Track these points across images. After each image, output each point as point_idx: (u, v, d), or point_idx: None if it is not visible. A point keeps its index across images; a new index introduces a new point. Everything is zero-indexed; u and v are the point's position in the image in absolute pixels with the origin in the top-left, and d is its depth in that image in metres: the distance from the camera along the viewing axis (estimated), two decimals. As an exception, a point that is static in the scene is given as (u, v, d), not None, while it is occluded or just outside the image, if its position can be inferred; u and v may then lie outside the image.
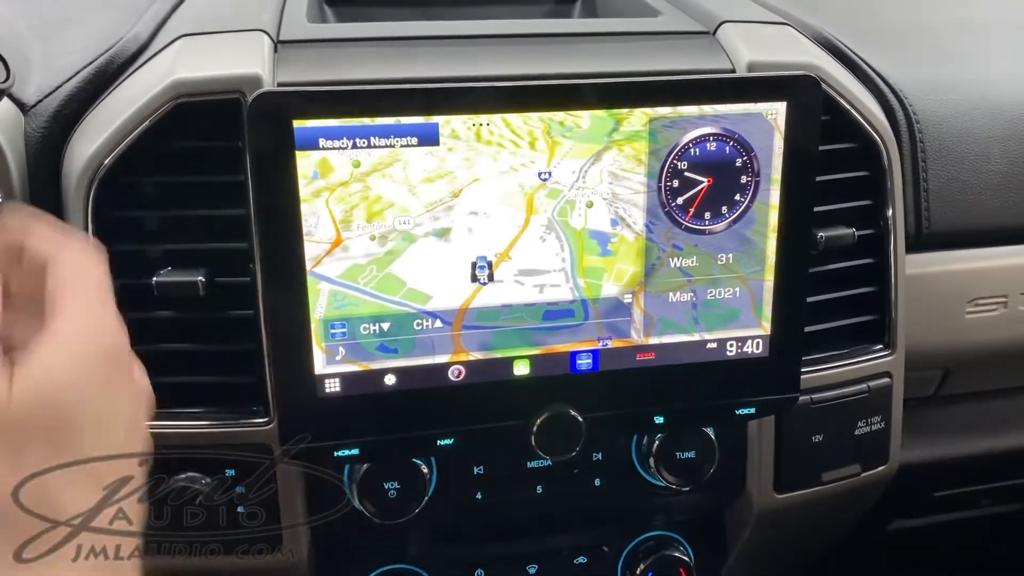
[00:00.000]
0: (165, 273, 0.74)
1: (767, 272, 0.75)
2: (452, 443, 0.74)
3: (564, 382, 0.75)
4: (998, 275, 0.97)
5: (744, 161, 0.72)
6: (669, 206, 0.73)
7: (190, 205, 0.76)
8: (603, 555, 0.91)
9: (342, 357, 0.70)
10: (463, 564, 0.89)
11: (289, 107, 0.64)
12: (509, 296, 0.72)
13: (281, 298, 0.68)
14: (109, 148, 0.73)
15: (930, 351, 0.96)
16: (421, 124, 0.66)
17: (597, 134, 0.69)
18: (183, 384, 0.76)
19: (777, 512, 0.89)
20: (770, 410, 0.81)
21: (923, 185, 0.93)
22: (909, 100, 0.94)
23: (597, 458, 0.85)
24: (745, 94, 0.71)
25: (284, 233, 0.66)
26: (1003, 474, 1.10)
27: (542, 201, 0.70)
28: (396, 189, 0.67)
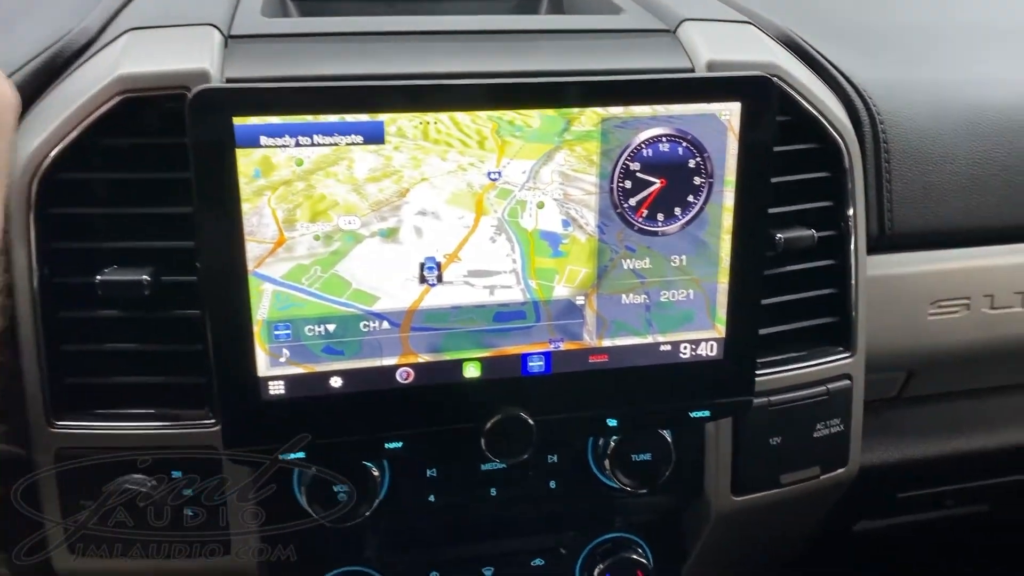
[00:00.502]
0: (110, 271, 0.72)
1: (721, 274, 0.74)
2: (401, 446, 0.73)
3: (515, 385, 0.74)
4: (961, 277, 0.96)
5: (697, 162, 0.71)
6: (621, 207, 0.72)
7: (136, 202, 0.74)
8: (560, 557, 0.90)
9: (286, 359, 0.69)
10: (418, 567, 0.88)
11: (229, 104, 0.63)
12: (459, 297, 0.71)
13: (223, 299, 0.67)
14: (52, 143, 0.71)
15: (893, 353, 0.95)
16: (366, 122, 0.65)
17: (547, 134, 0.68)
18: (128, 385, 0.75)
19: (735, 514, 0.88)
20: (725, 412, 0.80)
21: (886, 186, 0.92)
22: (874, 100, 0.93)
23: (552, 460, 0.84)
24: (698, 94, 0.70)
25: (225, 232, 0.65)
26: (967, 476, 1.10)
27: (492, 201, 0.69)
28: (341, 188, 0.66)
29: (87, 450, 0.74)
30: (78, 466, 0.73)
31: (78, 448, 0.74)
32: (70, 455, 0.74)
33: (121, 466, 0.74)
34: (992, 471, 1.11)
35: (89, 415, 0.75)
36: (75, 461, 0.73)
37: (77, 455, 0.74)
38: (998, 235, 0.98)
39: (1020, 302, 0.99)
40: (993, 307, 0.98)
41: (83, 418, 0.74)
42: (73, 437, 0.74)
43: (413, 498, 0.82)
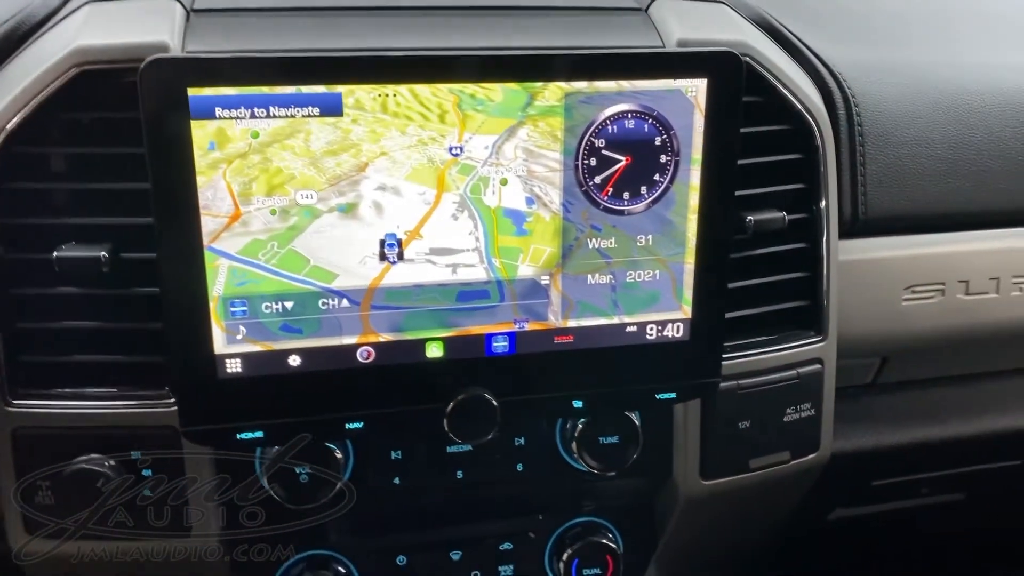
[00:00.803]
0: (67, 248, 0.71)
1: (688, 255, 0.74)
2: (361, 427, 0.72)
3: (479, 365, 0.73)
4: (936, 262, 0.96)
5: (663, 140, 0.70)
6: (587, 185, 0.71)
7: (94, 178, 0.73)
8: (529, 541, 0.89)
9: (243, 336, 0.68)
10: (385, 551, 0.87)
11: (183, 74, 0.62)
12: (420, 276, 0.70)
13: (178, 274, 0.66)
14: (7, 116, 0.70)
15: (866, 338, 0.95)
16: (323, 94, 0.64)
17: (510, 108, 0.67)
18: (86, 363, 0.73)
19: (705, 499, 0.88)
20: (692, 394, 0.79)
21: (860, 169, 0.92)
22: (848, 83, 0.92)
23: (520, 443, 0.83)
24: (663, 70, 0.69)
25: (180, 206, 0.64)
26: (941, 463, 1.09)
27: (454, 177, 0.68)
28: (298, 161, 0.65)
29: (44, 429, 0.73)
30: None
31: (35, 427, 0.73)
32: (27, 435, 0.73)
33: (80, 446, 0.73)
34: (968, 458, 1.10)
35: (46, 394, 0.73)
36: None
37: (34, 435, 0.73)
38: (974, 220, 0.98)
39: (995, 288, 0.98)
40: (968, 293, 0.97)
41: (40, 397, 0.73)
42: (30, 416, 0.73)
43: (378, 480, 0.81)
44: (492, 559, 0.89)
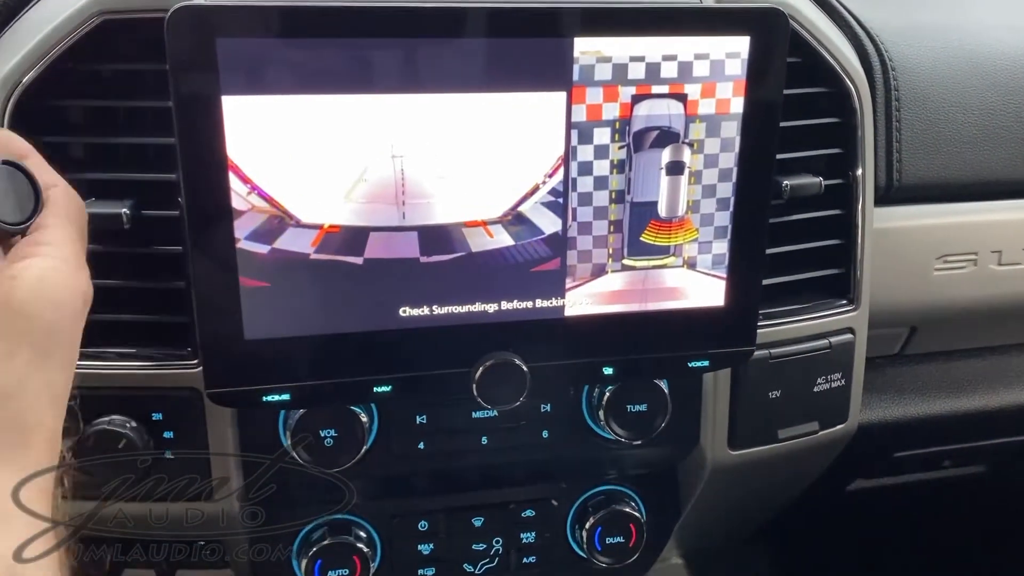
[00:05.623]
0: (88, 204, 0.69)
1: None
2: (390, 390, 0.70)
3: (509, 329, 0.71)
4: (969, 232, 0.94)
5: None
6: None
7: (116, 132, 0.71)
8: (552, 509, 0.89)
9: (272, 297, 0.66)
10: (406, 515, 0.86)
11: (213, 23, 0.59)
12: (452, 237, 0.68)
13: (206, 233, 0.64)
14: (26, 67, 0.68)
15: (896, 307, 0.93)
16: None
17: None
18: (107, 322, 0.72)
19: (731, 469, 0.87)
20: (725, 363, 0.78)
21: (895, 135, 0.90)
22: (885, 45, 0.90)
23: (546, 409, 0.82)
24: (706, 26, 0.66)
25: (208, 162, 0.62)
26: (965, 436, 1.08)
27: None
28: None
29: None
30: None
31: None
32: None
33: (102, 407, 0.71)
34: (992, 431, 1.09)
35: (67, 354, 0.72)
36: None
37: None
38: (1009, 190, 0.96)
39: (1028, 259, 0.96)
40: (1001, 263, 0.95)
41: (61, 356, 0.71)
42: (50, 376, 0.71)
43: (402, 444, 0.80)
44: (514, 526, 0.88)
